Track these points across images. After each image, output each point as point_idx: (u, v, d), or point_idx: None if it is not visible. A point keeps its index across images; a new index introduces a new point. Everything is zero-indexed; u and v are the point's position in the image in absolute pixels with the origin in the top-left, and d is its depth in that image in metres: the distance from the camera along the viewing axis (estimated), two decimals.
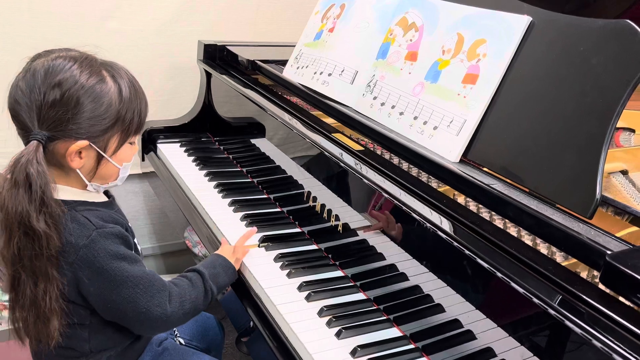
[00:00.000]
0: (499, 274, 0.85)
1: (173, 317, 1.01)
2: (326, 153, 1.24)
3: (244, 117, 1.75)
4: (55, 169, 0.97)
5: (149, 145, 1.85)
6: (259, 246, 1.27)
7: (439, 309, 1.00)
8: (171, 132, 1.88)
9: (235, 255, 1.19)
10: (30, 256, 0.91)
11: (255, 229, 1.31)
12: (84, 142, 0.94)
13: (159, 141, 1.84)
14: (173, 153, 1.78)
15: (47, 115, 0.91)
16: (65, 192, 0.98)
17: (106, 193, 1.08)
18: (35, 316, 0.94)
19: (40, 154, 0.90)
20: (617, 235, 0.85)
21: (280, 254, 1.25)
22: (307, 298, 1.12)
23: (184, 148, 1.81)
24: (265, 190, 1.56)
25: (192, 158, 1.74)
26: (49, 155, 0.94)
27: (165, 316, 1.00)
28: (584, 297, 0.75)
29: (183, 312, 1.03)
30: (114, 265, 0.95)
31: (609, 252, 0.76)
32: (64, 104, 0.91)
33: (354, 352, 0.99)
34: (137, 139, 1.07)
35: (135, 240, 1.06)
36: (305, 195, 1.38)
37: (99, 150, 0.97)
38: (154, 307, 0.98)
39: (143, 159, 1.87)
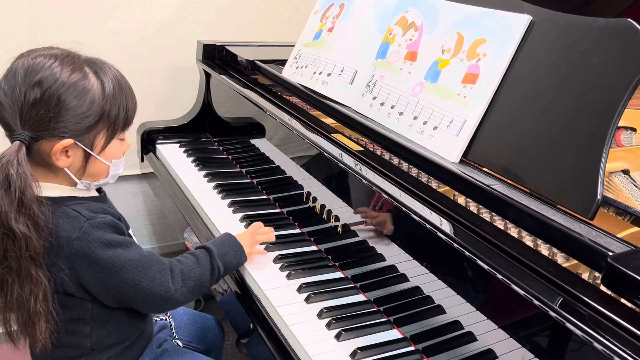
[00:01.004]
0: (499, 276, 0.84)
1: (177, 295, 1.01)
2: (325, 154, 1.24)
3: (244, 118, 1.75)
4: (44, 168, 0.96)
5: (148, 146, 1.84)
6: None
7: (440, 310, 0.99)
8: (170, 132, 1.87)
9: (251, 248, 1.19)
10: (14, 257, 0.90)
11: (272, 229, 1.28)
12: (68, 141, 0.93)
13: (158, 142, 1.84)
14: (172, 154, 1.78)
15: (28, 115, 0.90)
16: (54, 189, 0.97)
17: (98, 190, 1.07)
18: (23, 318, 0.94)
19: (22, 154, 0.90)
20: (619, 236, 0.84)
21: (279, 255, 1.24)
22: (307, 299, 1.11)
23: (184, 149, 1.80)
24: (264, 191, 1.55)
25: (192, 159, 1.73)
26: (36, 155, 0.94)
27: (169, 294, 1.00)
28: (585, 298, 0.75)
29: (187, 289, 1.03)
30: (109, 253, 0.95)
31: (610, 253, 0.76)
32: (44, 103, 0.90)
33: (353, 355, 0.98)
34: (130, 135, 1.06)
35: (131, 231, 1.06)
36: (305, 195, 1.37)
37: (85, 148, 0.96)
38: (156, 287, 0.98)
39: (142, 160, 1.87)
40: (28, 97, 0.90)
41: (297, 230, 1.38)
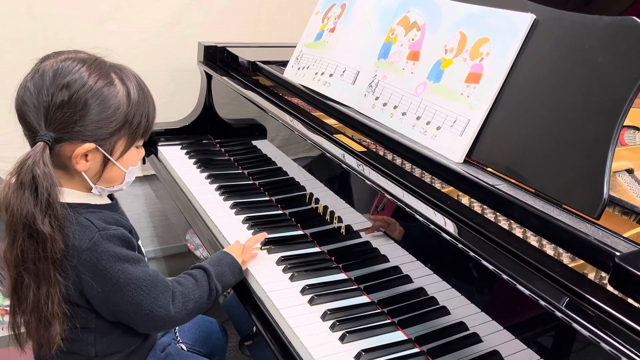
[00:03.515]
0: (504, 276, 0.84)
1: (176, 317, 1.01)
2: (328, 154, 1.23)
3: (245, 119, 1.74)
4: (60, 171, 0.96)
5: (149, 148, 1.84)
6: (260, 249, 1.26)
7: (444, 311, 0.98)
8: (172, 134, 1.87)
9: (243, 256, 1.18)
10: (34, 259, 0.90)
11: (265, 233, 1.29)
12: (90, 145, 0.93)
13: (160, 144, 1.83)
14: (174, 155, 1.77)
15: (54, 117, 0.91)
16: (68, 194, 0.97)
17: (110, 196, 1.07)
18: (37, 320, 0.93)
19: (47, 155, 0.90)
20: (624, 235, 0.83)
21: (282, 256, 1.24)
22: (310, 301, 1.11)
23: (185, 150, 1.80)
24: (267, 193, 1.55)
25: (193, 160, 1.73)
26: (55, 157, 0.94)
27: (168, 317, 1.00)
28: (593, 299, 0.74)
29: (186, 312, 1.03)
30: (117, 268, 0.94)
31: (617, 253, 0.75)
32: (71, 106, 0.91)
33: (358, 356, 0.97)
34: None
35: (139, 242, 1.06)
36: (308, 197, 1.37)
37: (105, 154, 0.96)
38: (157, 308, 0.98)
39: (144, 162, 1.86)
40: (55, 99, 0.90)
41: (300, 232, 1.37)
